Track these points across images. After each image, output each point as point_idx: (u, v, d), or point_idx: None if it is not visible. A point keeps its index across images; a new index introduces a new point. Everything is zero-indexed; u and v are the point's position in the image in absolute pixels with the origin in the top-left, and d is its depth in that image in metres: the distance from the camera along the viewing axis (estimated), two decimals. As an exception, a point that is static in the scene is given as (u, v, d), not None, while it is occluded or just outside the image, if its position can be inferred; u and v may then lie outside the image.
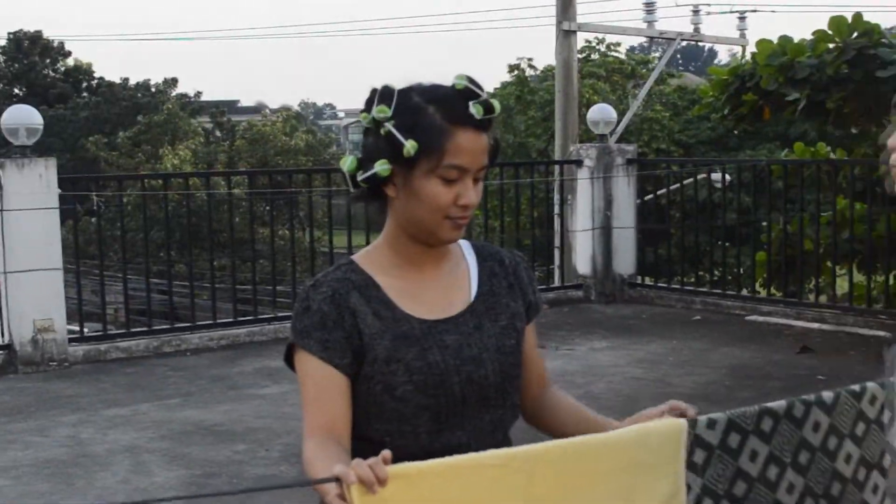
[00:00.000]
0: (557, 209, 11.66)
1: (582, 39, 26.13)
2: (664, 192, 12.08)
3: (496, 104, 2.19)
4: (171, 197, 10.82)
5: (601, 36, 27.50)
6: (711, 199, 12.42)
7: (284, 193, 10.93)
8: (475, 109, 2.16)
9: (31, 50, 44.08)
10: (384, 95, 2.19)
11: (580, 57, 23.54)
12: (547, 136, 24.75)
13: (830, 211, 9.92)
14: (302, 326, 2.20)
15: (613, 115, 11.73)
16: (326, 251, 10.03)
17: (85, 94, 43.98)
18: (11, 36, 44.71)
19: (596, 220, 11.07)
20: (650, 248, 12.36)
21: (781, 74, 9.46)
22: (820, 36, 9.42)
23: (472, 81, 2.19)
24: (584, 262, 11.18)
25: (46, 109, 38.71)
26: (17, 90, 43.92)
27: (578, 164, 11.16)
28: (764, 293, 10.87)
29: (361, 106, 2.26)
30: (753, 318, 10.02)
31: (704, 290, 11.53)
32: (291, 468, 5.84)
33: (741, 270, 11.34)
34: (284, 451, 6.18)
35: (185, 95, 42.76)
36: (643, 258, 11.85)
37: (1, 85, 44.03)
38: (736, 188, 11.45)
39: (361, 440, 2.20)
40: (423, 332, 2.22)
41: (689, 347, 8.85)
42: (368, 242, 2.36)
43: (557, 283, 11.64)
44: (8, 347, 8.28)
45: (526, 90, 27.41)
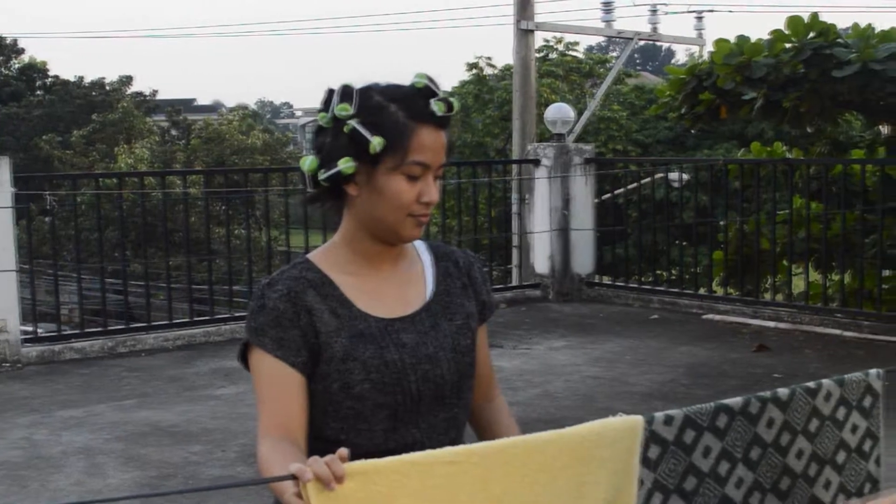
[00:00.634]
0: (515, 208, 11.67)
1: (540, 38, 26.22)
2: (622, 191, 12.12)
3: (456, 102, 2.21)
4: (126, 196, 10.72)
5: (559, 35, 27.59)
6: (669, 198, 12.47)
7: (241, 193, 10.87)
8: (437, 107, 2.18)
9: (-17, 48, 43.62)
10: (345, 94, 2.18)
11: (538, 56, 23.61)
12: (505, 135, 24.79)
13: (787, 210, 9.99)
14: (257, 324, 2.19)
15: (571, 114, 11.75)
16: (283, 250, 9.97)
17: (39, 92, 43.56)
18: (-36, 34, 44.25)
19: (554, 219, 11.08)
20: (608, 247, 12.39)
21: (738, 74, 9.52)
22: (777, 36, 9.48)
23: (430, 80, 2.21)
24: (541, 261, 11.19)
25: (0, 107, 38.38)
26: (-30, 89, 43.47)
27: (536, 163, 11.17)
28: (721, 292, 10.93)
29: (319, 105, 2.25)
30: (710, 316, 10.07)
31: (662, 289, 11.57)
32: (248, 469, 5.80)
33: (698, 269, 11.39)
34: (241, 451, 6.14)
35: (140, 94, 42.43)
36: (601, 257, 11.88)
37: (-46, 83, 43.55)
38: (693, 187, 11.50)
39: (317, 440, 2.18)
40: (379, 330, 2.21)
41: (646, 346, 8.87)
42: (326, 241, 2.34)
43: (515, 282, 11.65)
44: (-40, 348, 8.18)
45: (484, 89, 27.46)
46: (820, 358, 8.29)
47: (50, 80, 44.30)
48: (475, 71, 28.28)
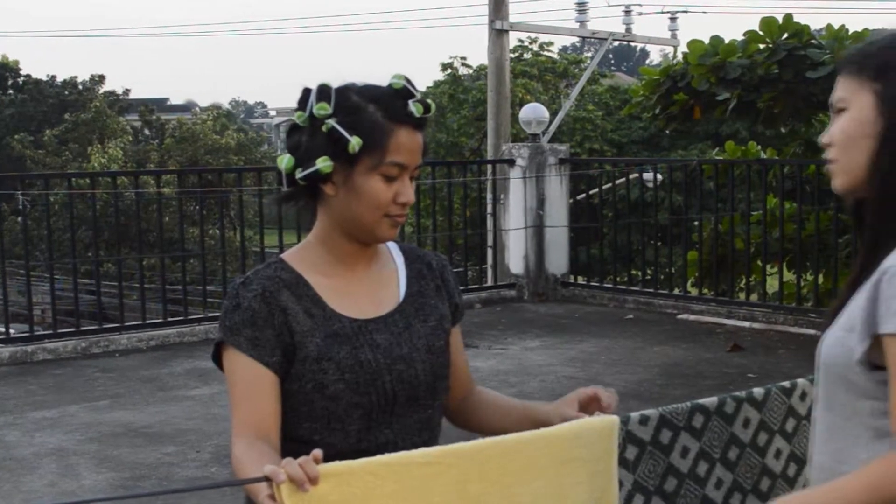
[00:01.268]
0: (490, 209, 11.66)
1: (515, 39, 26.26)
2: (596, 191, 12.13)
3: (432, 104, 2.22)
4: (99, 196, 10.66)
5: (534, 35, 27.62)
6: (643, 198, 12.49)
7: (215, 192, 10.83)
8: (415, 108, 2.18)
9: (-45, 47, 43.35)
10: (322, 93, 2.18)
11: (513, 56, 23.63)
12: (480, 135, 24.79)
13: (761, 210, 10.02)
14: (231, 324, 2.18)
15: (546, 114, 11.76)
16: (258, 250, 9.93)
17: (10, 91, 43.35)
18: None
19: (528, 219, 11.08)
20: (583, 247, 12.40)
21: (712, 74, 9.54)
22: (751, 37, 9.51)
23: (408, 81, 2.22)
24: (516, 261, 11.19)
25: (-29, 107, 38.14)
26: (-59, 88, 43.23)
27: (511, 163, 11.17)
28: (695, 292, 10.95)
29: (294, 105, 2.25)
30: (685, 316, 10.09)
31: (636, 289, 11.60)
32: (222, 469, 5.77)
33: (673, 270, 11.42)
34: (215, 452, 6.12)
35: (112, 93, 42.26)
36: (576, 257, 11.89)
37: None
38: (667, 187, 11.52)
39: (291, 440, 2.17)
40: (353, 330, 2.21)
41: (621, 346, 8.88)
42: (300, 241, 2.33)
43: (490, 282, 11.64)
44: (-69, 349, 8.12)
45: (459, 89, 27.46)
46: (794, 358, 8.32)
47: (22, 79, 44.10)
48: (450, 71, 28.30)
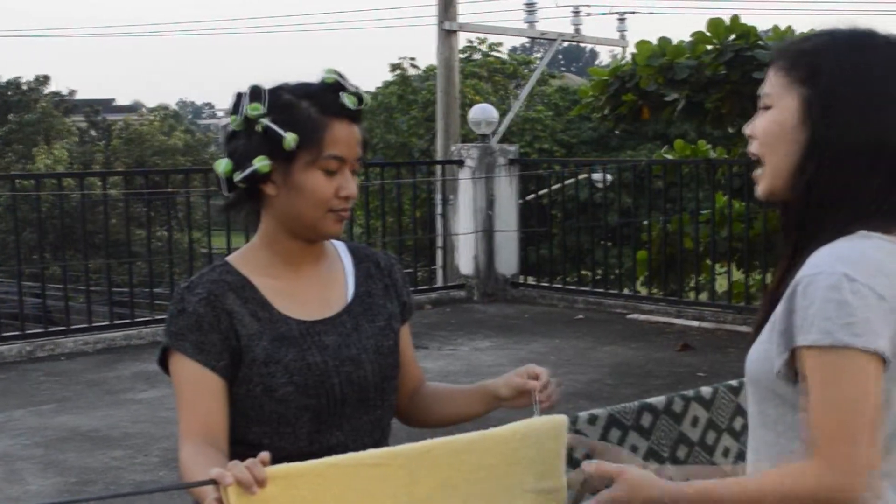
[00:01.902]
0: (439, 209, 11.66)
1: (464, 39, 26.27)
2: (546, 192, 12.16)
3: (366, 96, 2.22)
4: (44, 198, 10.55)
5: (483, 36, 27.66)
6: (593, 198, 12.52)
7: (162, 194, 10.75)
8: (348, 100, 2.18)
9: None
10: (254, 94, 2.18)
11: (462, 57, 23.63)
12: (429, 135, 24.80)
13: (709, 210, 10.08)
14: (177, 329, 2.17)
15: (495, 114, 11.77)
16: (205, 252, 9.87)
17: (-46, 92, 42.82)
18: None
19: (478, 220, 11.09)
20: (532, 247, 12.42)
21: (661, 75, 9.59)
22: (698, 38, 9.56)
23: (340, 75, 2.22)
24: (466, 262, 11.20)
25: (-86, 108, 37.63)
26: None
27: (460, 164, 11.18)
28: (645, 292, 11.00)
29: (229, 109, 2.25)
30: (635, 316, 10.13)
31: (586, 289, 11.61)
32: (171, 473, 5.73)
33: (622, 270, 11.46)
34: (163, 456, 6.07)
35: (58, 94, 41.87)
36: (525, 258, 11.92)
37: None
38: (617, 188, 11.57)
39: (240, 444, 2.16)
40: (301, 332, 2.20)
41: (571, 346, 8.90)
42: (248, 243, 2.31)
43: (440, 283, 11.64)
44: None
45: (408, 90, 27.45)
46: (743, 357, 8.29)
47: (-36, 80, 43.56)
48: (399, 72, 28.28)
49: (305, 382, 2.16)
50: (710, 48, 9.50)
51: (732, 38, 9.43)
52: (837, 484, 1.71)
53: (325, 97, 2.18)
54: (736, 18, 9.47)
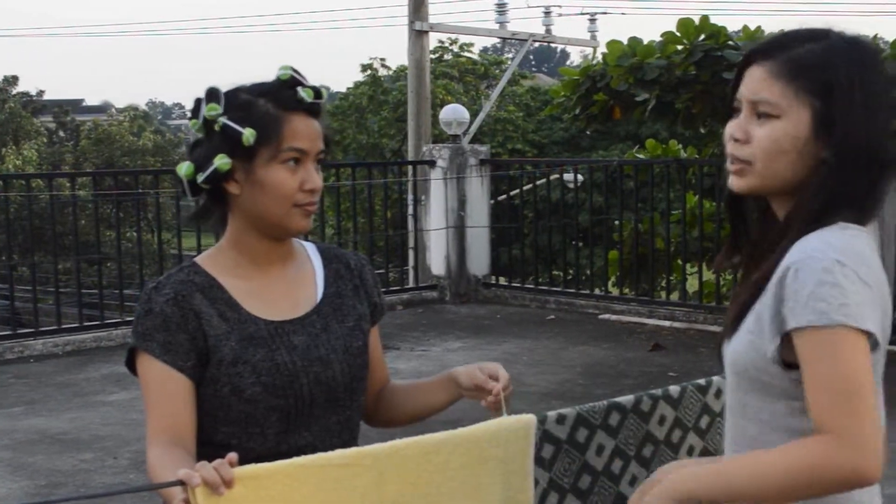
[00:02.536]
0: (411, 210, 11.65)
1: (435, 40, 26.26)
2: (517, 192, 12.17)
3: (323, 90, 2.23)
4: (12, 199, 10.48)
5: (454, 36, 27.66)
6: (564, 199, 12.54)
7: (131, 195, 10.70)
8: (305, 93, 2.19)
9: None
10: (211, 95, 2.19)
11: (433, 57, 23.62)
12: (401, 136, 24.78)
13: (680, 210, 10.11)
14: (144, 329, 2.16)
15: (466, 115, 11.77)
16: (175, 253, 9.83)
17: (-79, 93, 42.49)
18: None
19: (449, 220, 11.09)
20: (504, 248, 12.43)
21: (631, 75, 9.60)
22: (668, 38, 9.58)
23: (295, 71, 2.23)
24: (438, 262, 11.19)
25: None
26: None
27: (431, 164, 11.17)
28: (617, 292, 11.02)
29: (189, 115, 2.27)
30: (606, 316, 10.15)
31: (558, 289, 11.64)
32: (141, 475, 5.70)
33: (594, 270, 11.49)
34: (133, 458, 6.05)
35: (26, 94, 41.63)
36: (497, 258, 11.92)
37: None
38: (588, 188, 11.59)
39: (208, 445, 2.16)
40: (269, 333, 2.19)
41: (543, 347, 8.91)
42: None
43: (412, 283, 11.62)
44: None
45: (379, 90, 27.42)
46: (714, 356, 8.33)
47: (-68, 80, 43.26)
48: (370, 72, 28.25)
49: (273, 383, 2.15)
50: (680, 48, 9.52)
51: (702, 38, 9.45)
52: (848, 459, 1.73)
53: (281, 93, 2.18)
54: (706, 19, 9.50)
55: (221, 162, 2.14)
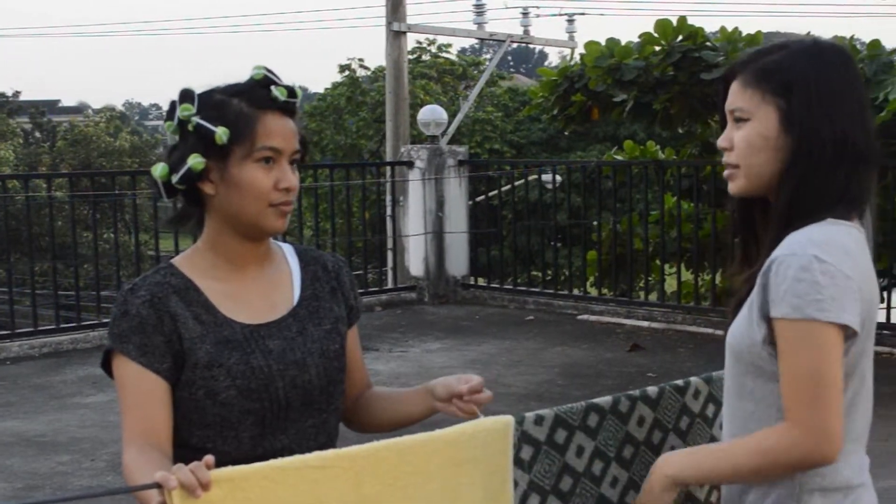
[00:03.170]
0: (389, 211, 11.64)
1: (413, 40, 26.25)
2: (496, 193, 12.18)
3: (297, 89, 2.23)
4: (-11, 200, 10.42)
5: (432, 37, 27.64)
6: (543, 199, 12.55)
7: (108, 196, 10.65)
8: (278, 92, 2.19)
9: None
10: (185, 96, 2.18)
11: (411, 58, 23.62)
12: (379, 137, 24.76)
13: (659, 210, 10.13)
14: (120, 331, 2.15)
15: (444, 116, 11.77)
16: (152, 255, 9.79)
17: None
18: None
19: (428, 221, 11.08)
20: (483, 249, 12.43)
21: (609, 76, 9.62)
22: (646, 39, 9.60)
23: (269, 70, 2.23)
24: (416, 263, 11.18)
25: None
26: None
27: (410, 165, 11.17)
28: (595, 293, 11.04)
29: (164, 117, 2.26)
30: (585, 317, 10.17)
31: (537, 290, 11.65)
32: (118, 478, 5.67)
33: (572, 270, 11.50)
34: (111, 460, 6.03)
35: (2, 95, 41.46)
36: (476, 259, 11.92)
37: None
38: (567, 189, 11.60)
39: (184, 447, 2.15)
40: (245, 336, 2.18)
41: (522, 347, 8.92)
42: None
43: (390, 285, 11.62)
44: None
45: (357, 91, 27.37)
46: (693, 356, 8.43)
47: None
48: (347, 73, 28.18)
49: (248, 386, 2.14)
50: (657, 49, 9.55)
51: (680, 39, 9.48)
52: (810, 448, 1.97)
53: (255, 92, 2.18)
54: (683, 20, 9.52)
55: (195, 161, 2.13)
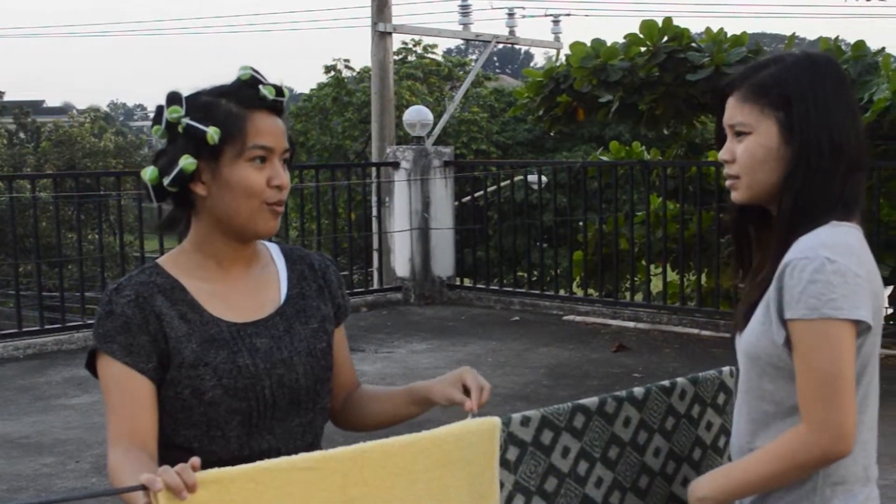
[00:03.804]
0: (375, 211, 11.63)
1: (398, 41, 26.24)
2: (482, 193, 12.18)
3: (285, 88, 2.23)
4: (-27, 201, 10.39)
5: (417, 37, 27.64)
6: (529, 200, 12.56)
7: (93, 197, 10.62)
8: (266, 91, 2.19)
9: None
10: (172, 99, 2.18)
11: (397, 58, 23.60)
12: (364, 137, 24.75)
13: (644, 210, 10.14)
14: (104, 331, 2.14)
15: (430, 116, 11.76)
16: (137, 255, 9.76)
17: None
18: None
19: (414, 222, 11.07)
20: (468, 249, 12.43)
21: (594, 77, 9.64)
22: (632, 39, 9.62)
23: (255, 71, 2.22)
24: (402, 264, 11.18)
25: None
26: None
27: (395, 166, 11.16)
28: (581, 293, 11.04)
29: (151, 122, 2.25)
30: (571, 317, 10.17)
31: (523, 290, 11.65)
32: (103, 480, 5.66)
33: (558, 271, 11.50)
34: (95, 462, 6.00)
35: (-15, 95, 41.34)
36: (462, 260, 11.92)
37: None
38: (553, 189, 11.60)
39: (170, 448, 2.14)
40: (231, 335, 2.18)
41: (508, 348, 8.91)
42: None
43: (376, 285, 11.61)
44: None
45: (343, 91, 27.35)
46: (679, 357, 8.43)
47: None
48: (333, 73, 28.16)
49: (235, 385, 2.13)
50: (643, 50, 9.57)
51: (665, 40, 9.51)
52: (828, 445, 2.07)
53: (242, 92, 2.18)
54: (669, 20, 9.54)
55: (187, 162, 2.12)
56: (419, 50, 28.74)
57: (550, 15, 20.94)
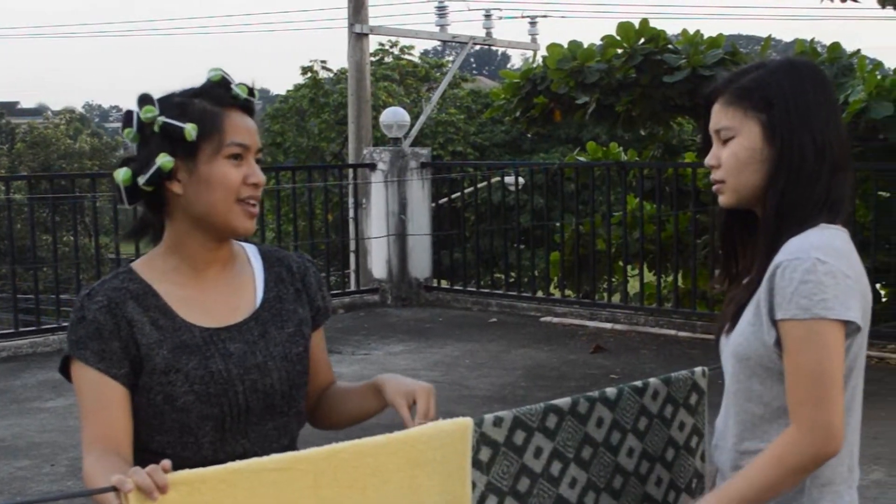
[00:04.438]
0: (352, 213, 11.62)
1: (375, 42, 26.22)
2: (459, 195, 12.18)
3: (255, 88, 2.24)
4: (-53, 203, 10.32)
5: (394, 39, 27.63)
6: (506, 201, 12.57)
7: (68, 198, 10.57)
8: (239, 90, 2.20)
9: None
10: (145, 99, 2.17)
11: (374, 60, 23.59)
12: (341, 139, 24.72)
13: (621, 211, 10.16)
14: (77, 337, 2.14)
15: (406, 118, 11.75)
16: (113, 258, 9.72)
17: None
18: None
19: (391, 223, 11.06)
20: (446, 251, 12.43)
21: (571, 78, 9.65)
22: (608, 41, 9.64)
23: (225, 72, 2.23)
24: (379, 266, 11.16)
25: None
26: None
27: (372, 167, 11.15)
28: (558, 294, 11.05)
29: (120, 127, 2.25)
30: (548, 319, 10.17)
31: (500, 292, 11.65)
32: (78, 483, 5.62)
33: (536, 272, 11.51)
34: (71, 465, 5.97)
35: (-40, 98, 41.13)
36: (439, 261, 11.91)
37: None
38: (530, 190, 11.61)
39: (144, 453, 2.13)
40: (204, 340, 2.17)
41: (485, 350, 8.91)
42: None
43: (353, 287, 11.60)
44: None
45: (320, 93, 27.31)
46: (656, 358, 8.45)
47: None
48: (310, 74, 28.12)
49: (207, 391, 2.13)
50: (620, 52, 9.58)
51: (642, 42, 9.52)
52: (818, 446, 2.08)
53: (215, 92, 2.19)
54: (645, 22, 9.56)
55: (164, 160, 2.12)
56: (396, 51, 28.74)
57: (527, 16, 20.95)
